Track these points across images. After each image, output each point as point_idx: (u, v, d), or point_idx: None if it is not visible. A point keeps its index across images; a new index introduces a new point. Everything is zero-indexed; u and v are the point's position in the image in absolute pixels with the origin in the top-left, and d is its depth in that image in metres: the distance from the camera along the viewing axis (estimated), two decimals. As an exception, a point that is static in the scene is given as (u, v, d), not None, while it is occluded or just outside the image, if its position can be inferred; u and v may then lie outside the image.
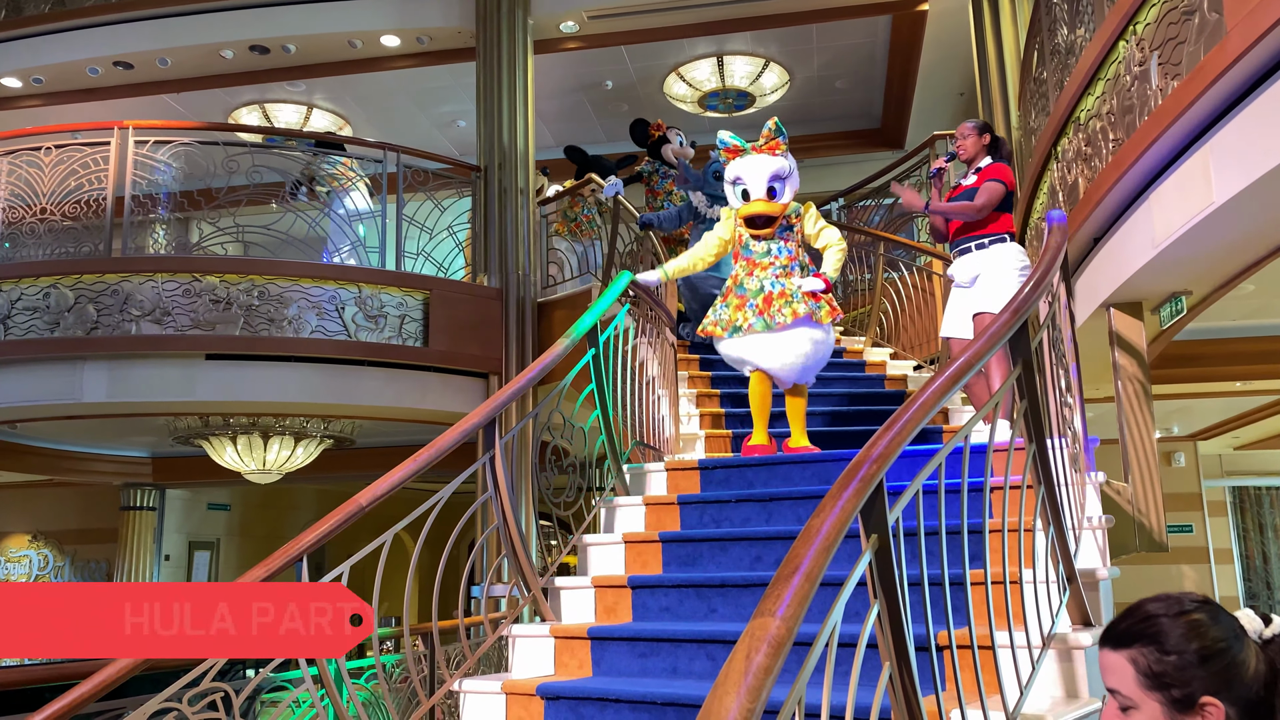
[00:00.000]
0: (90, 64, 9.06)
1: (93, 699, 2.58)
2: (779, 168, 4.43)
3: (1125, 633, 1.42)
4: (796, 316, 4.30)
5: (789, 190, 4.52)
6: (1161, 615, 1.41)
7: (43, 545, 12.73)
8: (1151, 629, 1.41)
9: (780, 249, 4.48)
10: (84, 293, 6.89)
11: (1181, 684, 1.36)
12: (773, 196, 4.45)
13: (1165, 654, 1.39)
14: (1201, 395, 7.78)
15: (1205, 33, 3.21)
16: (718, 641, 3.12)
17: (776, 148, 4.48)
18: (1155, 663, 1.38)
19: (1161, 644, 1.39)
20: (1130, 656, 1.40)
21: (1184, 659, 1.37)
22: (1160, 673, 1.38)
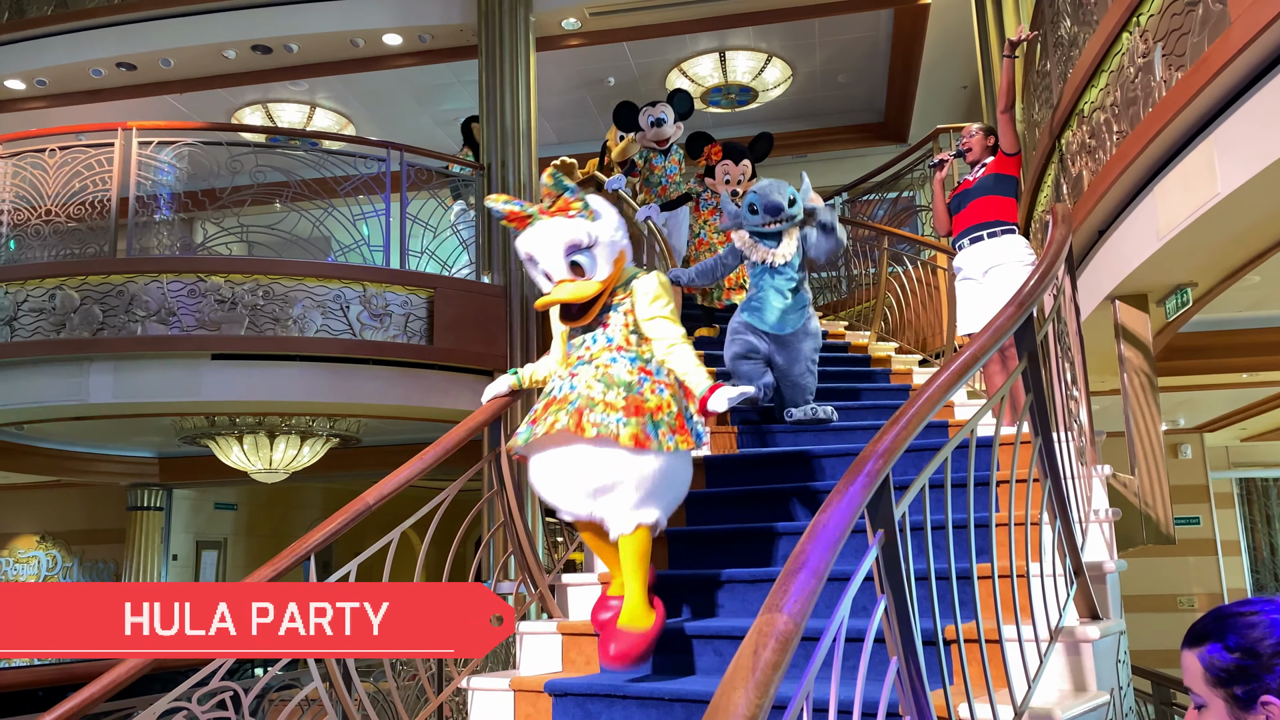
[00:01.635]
0: (93, 65, 9.08)
1: (103, 699, 2.60)
2: (574, 236, 3.08)
3: (1198, 632, 1.47)
4: (599, 433, 2.93)
5: (603, 259, 3.13)
6: (1231, 615, 1.45)
7: (51, 546, 12.77)
8: (1219, 628, 1.44)
9: (603, 337, 3.18)
10: (89, 294, 6.91)
11: (1244, 681, 1.40)
12: (582, 273, 3.13)
13: (1229, 652, 1.42)
14: (1208, 387, 7.76)
15: (1209, 24, 3.20)
16: (725, 637, 3.13)
17: (568, 207, 3.12)
18: (1220, 660, 1.42)
19: (1226, 641, 1.43)
20: (1199, 654, 1.45)
21: (1246, 657, 1.41)
22: (1223, 669, 1.42)
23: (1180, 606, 9.79)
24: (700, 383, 3.13)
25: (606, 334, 3.17)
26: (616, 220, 3.20)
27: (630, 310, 3.19)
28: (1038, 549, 2.74)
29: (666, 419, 3.03)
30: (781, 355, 4.85)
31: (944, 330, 6.60)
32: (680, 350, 3.16)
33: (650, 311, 3.18)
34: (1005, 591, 2.59)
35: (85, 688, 2.58)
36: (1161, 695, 6.13)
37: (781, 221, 4.84)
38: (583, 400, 3.00)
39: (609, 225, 3.15)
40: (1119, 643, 3.07)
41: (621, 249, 3.19)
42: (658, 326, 3.17)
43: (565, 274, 3.14)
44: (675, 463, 3.07)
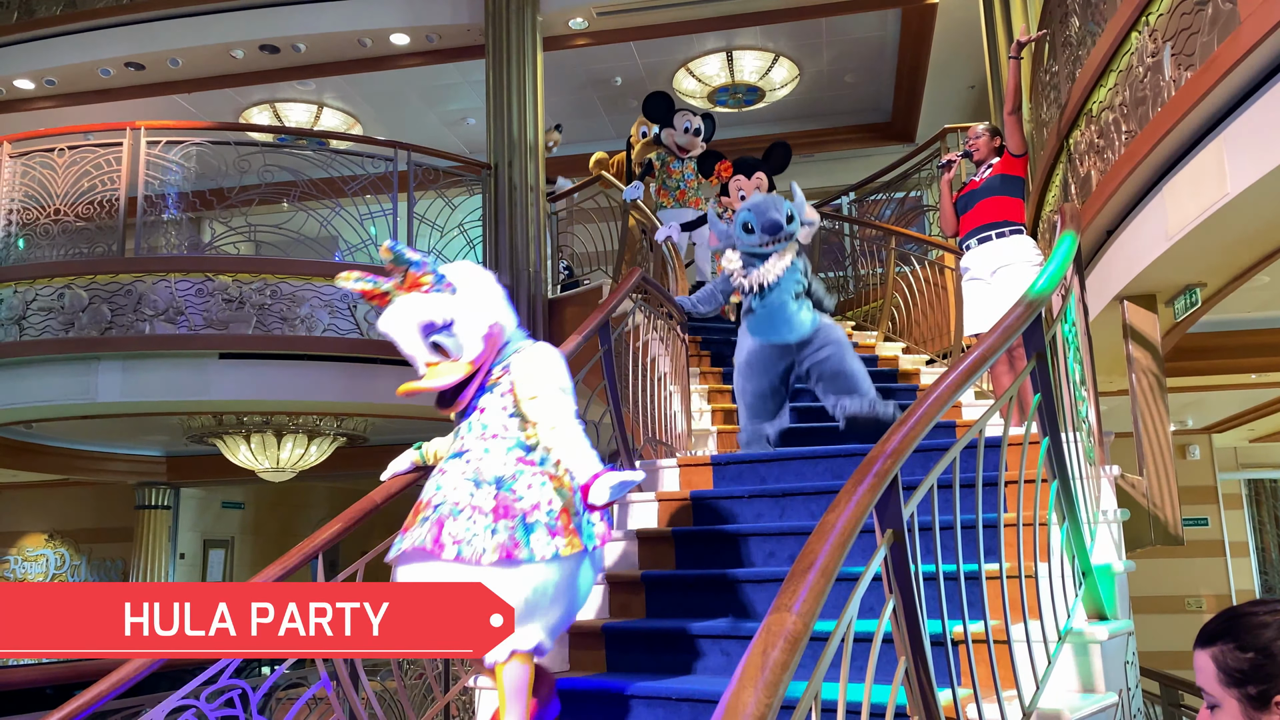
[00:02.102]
0: (102, 65, 9.10)
1: (112, 696, 2.61)
2: (427, 316, 2.71)
3: (1211, 632, 1.46)
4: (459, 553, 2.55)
5: (469, 336, 2.74)
6: (1244, 614, 1.44)
7: (59, 544, 12.82)
8: (1233, 627, 1.44)
9: (478, 424, 2.80)
10: (98, 293, 6.93)
11: (1257, 681, 1.39)
12: (447, 355, 2.76)
13: (1243, 651, 1.42)
14: (1216, 388, 7.74)
15: (1219, 23, 3.19)
16: (732, 637, 3.13)
17: (419, 282, 2.74)
18: (1233, 660, 1.42)
19: (1240, 641, 1.42)
20: (1213, 654, 1.44)
21: (1260, 657, 1.40)
22: (1237, 669, 1.41)
23: (1188, 608, 9.76)
24: (584, 470, 2.71)
25: (482, 420, 2.78)
26: (483, 290, 2.81)
27: (511, 391, 2.78)
28: (1046, 549, 2.73)
29: (544, 519, 2.60)
30: (808, 354, 4.51)
31: (951, 330, 6.59)
32: (564, 433, 2.73)
33: (531, 389, 2.76)
34: (1014, 592, 2.58)
35: (93, 685, 2.59)
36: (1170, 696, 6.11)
37: (781, 240, 4.51)
38: (446, 506, 2.63)
39: (472, 297, 2.77)
40: (1127, 644, 3.06)
41: (493, 322, 2.79)
42: (539, 407, 2.74)
43: (428, 356, 2.77)
44: (557, 572, 2.58)
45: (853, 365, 4.51)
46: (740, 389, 4.67)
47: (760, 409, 4.63)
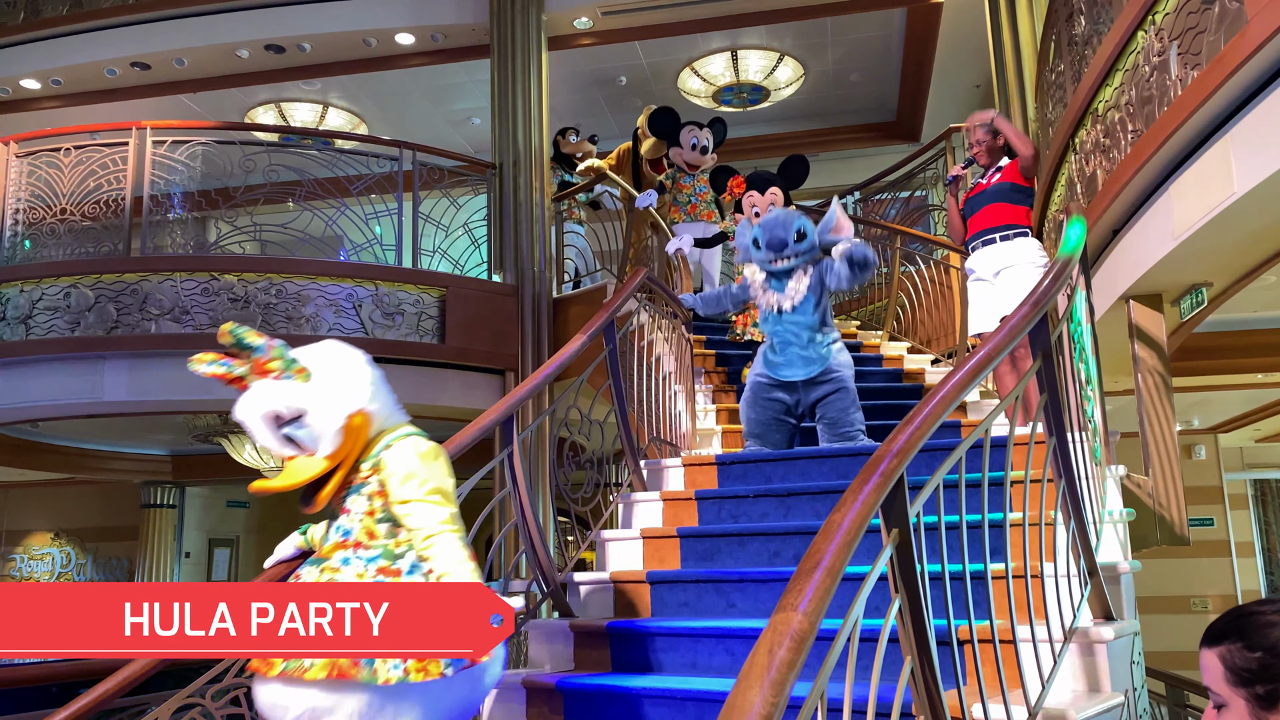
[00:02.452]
0: (108, 65, 9.13)
1: (118, 695, 2.62)
2: (271, 407, 2.44)
3: (1218, 630, 1.45)
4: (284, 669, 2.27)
5: (325, 429, 2.43)
6: (1252, 614, 1.43)
7: (65, 543, 12.85)
8: (1240, 626, 1.42)
9: (338, 530, 2.54)
10: (104, 292, 6.94)
11: (1265, 680, 1.38)
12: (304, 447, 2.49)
13: (1250, 650, 1.40)
14: (1222, 388, 7.72)
15: (1225, 22, 3.18)
16: (737, 636, 3.13)
17: (266, 368, 2.46)
18: (1241, 659, 1.40)
19: (1248, 640, 1.41)
20: (1220, 653, 1.43)
21: (1268, 656, 1.39)
22: (1244, 668, 1.40)
23: (1194, 608, 9.74)
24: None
25: (345, 525, 2.49)
26: (345, 373, 2.47)
27: (380, 492, 2.45)
28: (1052, 549, 2.73)
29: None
30: (814, 394, 4.49)
31: (956, 330, 6.59)
32: (440, 543, 2.37)
33: (403, 493, 2.41)
34: (1019, 592, 2.58)
35: (99, 684, 2.60)
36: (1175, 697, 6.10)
37: (788, 259, 4.45)
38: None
39: (330, 383, 2.42)
40: (1133, 644, 3.06)
41: (354, 411, 2.43)
42: (412, 512, 2.40)
43: (283, 450, 2.50)
44: (402, 698, 2.24)
45: (852, 416, 4.46)
46: (744, 415, 4.66)
47: (764, 437, 4.57)
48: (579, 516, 4.49)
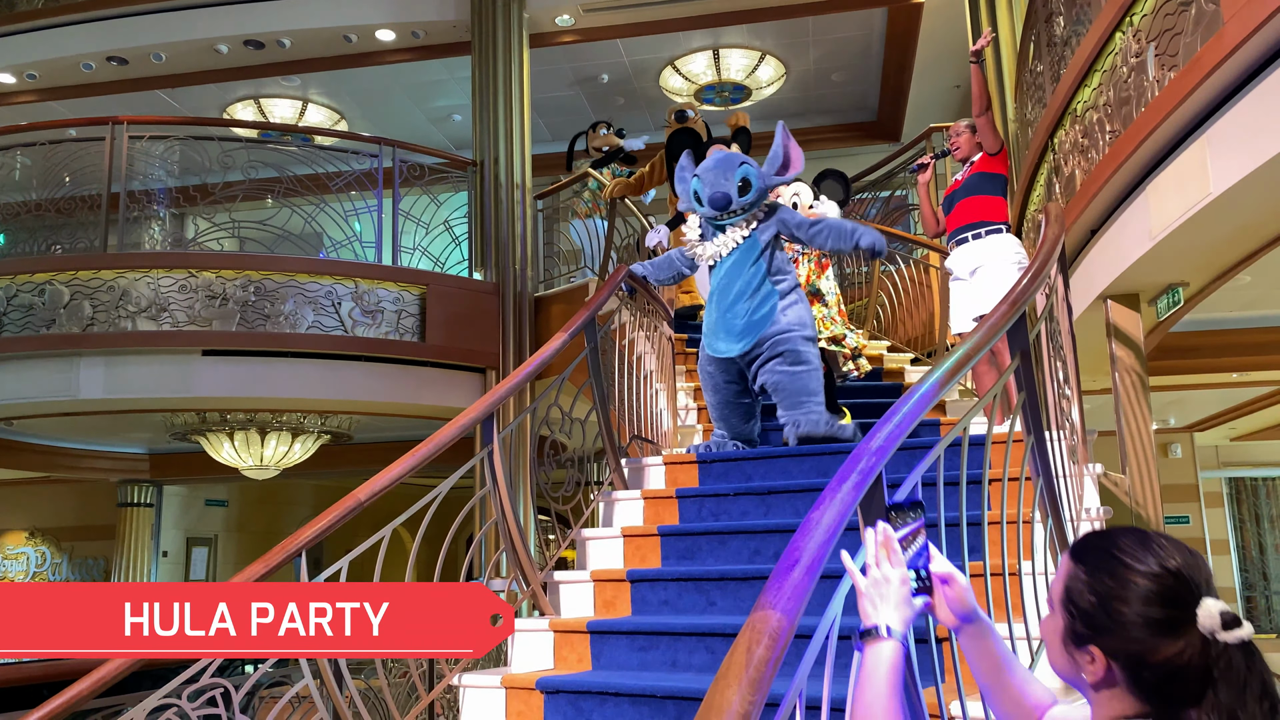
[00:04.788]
0: (84, 59, 9.03)
1: (92, 695, 2.59)
2: None
3: (1083, 547, 1.32)
4: None
5: None
6: (1121, 558, 1.26)
7: (40, 542, 12.71)
8: (1101, 561, 1.28)
9: None
10: (80, 289, 6.87)
11: (1081, 615, 1.26)
12: None
13: (1080, 578, 1.28)
14: (1198, 387, 7.79)
15: (1202, 24, 3.21)
16: (717, 635, 3.13)
17: None
18: (1074, 581, 1.29)
19: (1085, 566, 1.28)
20: (1070, 566, 1.31)
21: (1089, 593, 1.26)
22: (1078, 605, 1.28)
23: (1170, 605, 9.81)
24: None
25: None
26: None
27: None
28: (1029, 547, 2.74)
29: None
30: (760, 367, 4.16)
31: (936, 329, 6.62)
32: None
33: None
34: (997, 590, 2.59)
35: (74, 684, 2.57)
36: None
37: (733, 214, 4.13)
38: None
39: None
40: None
41: None
42: None
43: None
44: None
45: (803, 382, 4.10)
46: (706, 397, 4.50)
47: (725, 421, 4.43)
48: (560, 515, 4.48)
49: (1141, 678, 1.20)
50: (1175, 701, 1.18)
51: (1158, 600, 1.19)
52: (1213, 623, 1.16)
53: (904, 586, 1.43)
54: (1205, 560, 1.24)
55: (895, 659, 1.36)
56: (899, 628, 1.39)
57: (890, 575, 1.43)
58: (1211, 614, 1.16)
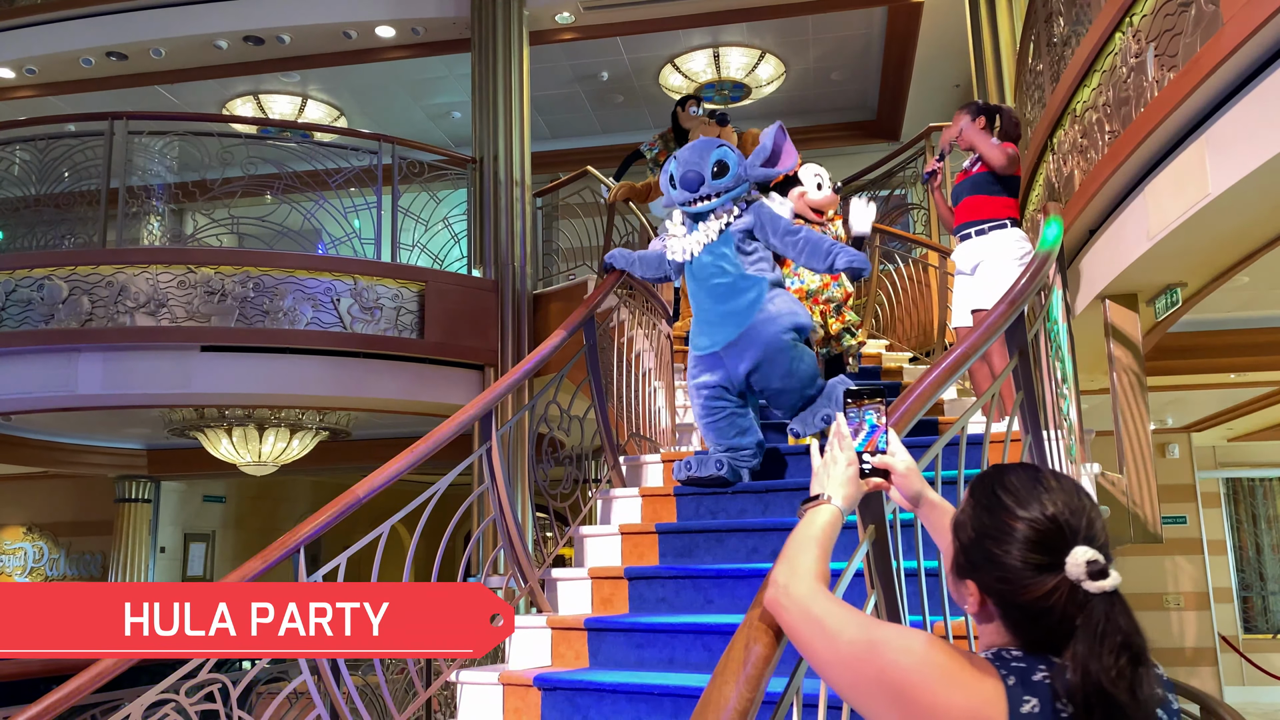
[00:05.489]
0: (83, 54, 9.02)
1: (90, 690, 2.59)
2: None
3: (975, 477, 1.34)
4: None
5: None
6: (995, 480, 1.29)
7: (37, 537, 12.71)
8: (979, 482, 1.31)
9: None
10: (78, 284, 6.87)
11: (962, 548, 1.28)
12: None
13: (967, 511, 1.30)
14: (1196, 387, 7.80)
15: (1202, 24, 3.21)
16: (715, 632, 3.13)
17: None
18: (962, 513, 1.31)
19: (973, 500, 1.30)
20: (965, 496, 1.33)
21: (970, 528, 1.27)
22: (958, 524, 1.30)
23: (1166, 605, 9.84)
24: None
25: None
26: None
27: None
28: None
29: None
30: (746, 359, 3.83)
31: (935, 328, 6.62)
32: None
33: None
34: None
35: (72, 679, 2.57)
36: (1147, 693, 6.17)
37: (708, 198, 3.79)
38: None
39: None
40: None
41: None
42: None
43: None
44: None
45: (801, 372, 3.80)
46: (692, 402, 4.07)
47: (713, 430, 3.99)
48: (557, 512, 4.49)
49: (1012, 616, 1.22)
50: (1042, 644, 1.20)
51: (1031, 545, 1.21)
52: (1079, 571, 1.17)
53: (850, 468, 1.56)
54: (1093, 506, 1.25)
55: (832, 519, 1.50)
56: (840, 499, 1.53)
57: (839, 458, 1.57)
58: (1079, 562, 1.18)
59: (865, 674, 1.20)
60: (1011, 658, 1.20)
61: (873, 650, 1.20)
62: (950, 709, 1.15)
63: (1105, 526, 1.24)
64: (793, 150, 3.83)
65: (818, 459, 1.60)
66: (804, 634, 1.30)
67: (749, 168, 3.82)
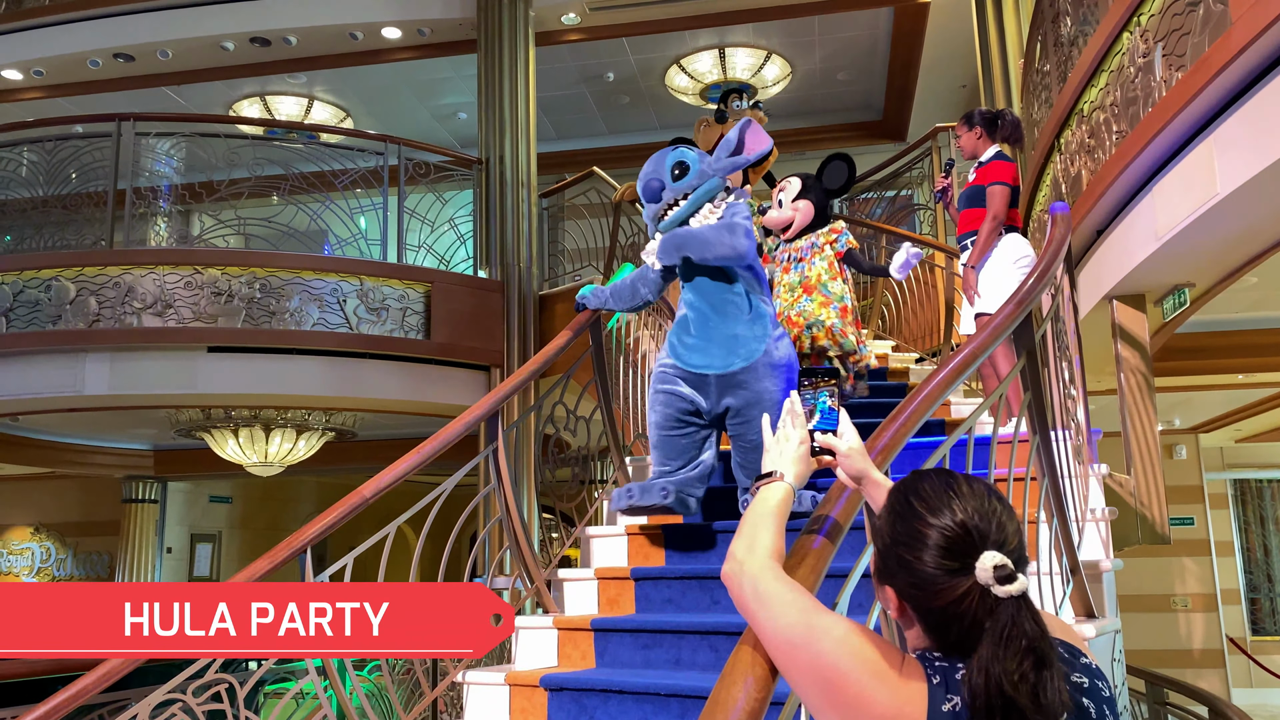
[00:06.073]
0: (91, 56, 9.05)
1: (98, 690, 2.59)
2: None
3: (895, 483, 1.35)
4: None
5: None
6: (909, 486, 1.30)
7: (45, 538, 12.75)
8: (896, 490, 1.32)
9: None
10: (86, 285, 6.89)
11: (878, 554, 1.31)
12: None
13: (884, 517, 1.31)
14: (1203, 388, 7.78)
15: (1210, 24, 3.20)
16: (721, 633, 3.12)
17: None
18: (879, 519, 1.33)
19: (888, 507, 1.31)
20: (884, 502, 1.34)
21: (886, 534, 1.29)
22: (876, 529, 1.32)
23: (1174, 607, 9.81)
24: None
25: None
26: None
27: None
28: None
29: None
30: (731, 399, 3.43)
31: (941, 329, 6.61)
32: None
33: None
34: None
35: (80, 679, 2.58)
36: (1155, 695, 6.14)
37: (674, 205, 3.49)
38: None
39: None
40: (1114, 642, 3.08)
41: None
42: None
43: None
44: None
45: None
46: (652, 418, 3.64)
47: (661, 448, 3.60)
48: (564, 513, 4.48)
49: (929, 620, 1.24)
50: (958, 646, 1.21)
51: (941, 551, 1.22)
52: (987, 576, 1.19)
53: (802, 446, 1.62)
54: (1004, 510, 1.26)
55: (785, 496, 1.55)
56: (791, 476, 1.58)
57: (791, 436, 1.63)
58: (986, 567, 1.19)
59: (799, 658, 1.24)
60: (935, 658, 1.22)
61: (810, 635, 1.24)
62: (874, 703, 1.18)
63: (1019, 530, 1.26)
64: (762, 137, 3.46)
65: (770, 436, 1.65)
66: (750, 609, 1.34)
67: (713, 162, 3.49)
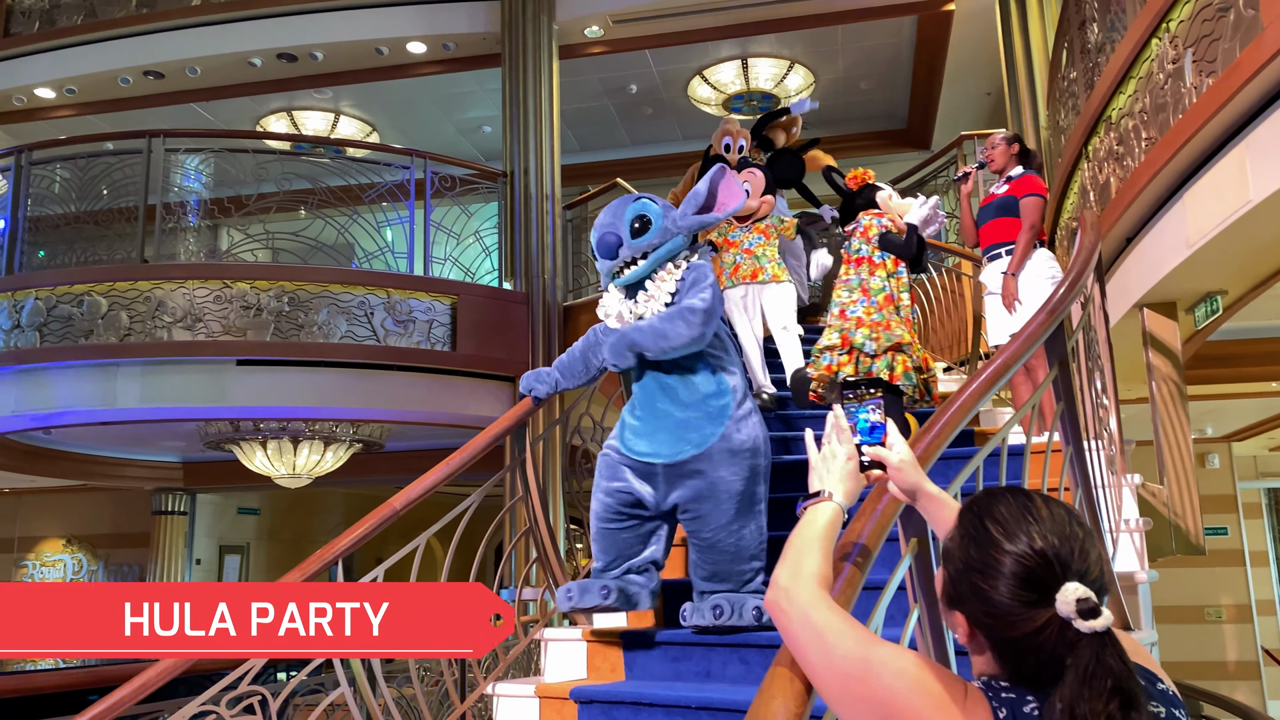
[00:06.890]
0: (121, 74, 9.19)
1: (133, 702, 2.62)
2: None
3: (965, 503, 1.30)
4: None
5: None
6: (983, 507, 1.24)
7: (76, 549, 12.89)
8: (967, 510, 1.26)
9: None
10: (117, 300, 6.97)
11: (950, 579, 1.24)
12: None
13: (956, 540, 1.25)
14: (1236, 396, 7.68)
15: (1241, 29, 3.17)
16: (751, 646, 3.11)
17: None
18: (950, 541, 1.27)
19: (961, 530, 1.25)
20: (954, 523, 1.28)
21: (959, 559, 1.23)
22: (948, 553, 1.26)
23: (1208, 618, 9.67)
24: None
25: None
26: None
27: None
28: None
29: None
30: (681, 492, 3.04)
31: (969, 338, 6.57)
32: None
33: None
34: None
35: (116, 691, 2.60)
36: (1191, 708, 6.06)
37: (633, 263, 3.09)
38: None
39: None
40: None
41: None
42: None
43: None
44: None
45: (741, 540, 2.99)
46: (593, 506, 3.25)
47: (600, 541, 3.20)
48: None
49: (1001, 650, 1.19)
50: (1032, 678, 1.16)
51: (1019, 581, 1.16)
52: (1069, 609, 1.13)
53: (850, 462, 1.53)
54: (1086, 535, 1.20)
55: (834, 517, 1.47)
56: (840, 495, 1.50)
57: (838, 452, 1.54)
58: (1069, 600, 1.13)
59: (856, 691, 1.19)
60: (1001, 688, 1.17)
61: (867, 668, 1.18)
62: None
63: (1101, 557, 1.20)
64: (736, 191, 3.08)
65: (815, 454, 1.56)
66: (801, 641, 1.28)
67: (679, 218, 3.08)
